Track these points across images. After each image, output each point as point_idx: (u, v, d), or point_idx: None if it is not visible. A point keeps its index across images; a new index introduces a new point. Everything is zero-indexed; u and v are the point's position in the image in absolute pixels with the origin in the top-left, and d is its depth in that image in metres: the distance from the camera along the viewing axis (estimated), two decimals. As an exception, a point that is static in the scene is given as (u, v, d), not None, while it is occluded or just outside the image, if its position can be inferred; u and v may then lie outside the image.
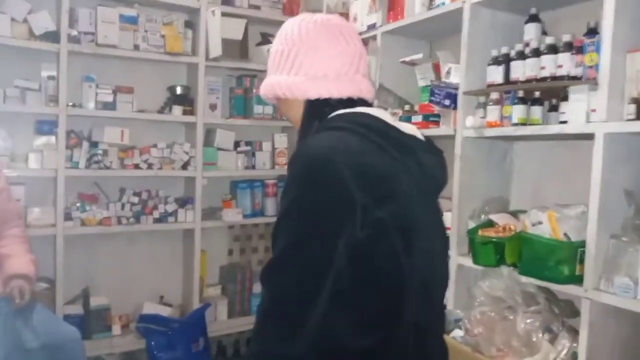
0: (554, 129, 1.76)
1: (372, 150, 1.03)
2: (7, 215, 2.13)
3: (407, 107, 2.48)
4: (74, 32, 2.66)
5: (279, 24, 3.16)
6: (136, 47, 2.82)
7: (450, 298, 2.12)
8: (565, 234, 1.66)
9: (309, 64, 1.13)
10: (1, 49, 2.55)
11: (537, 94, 1.85)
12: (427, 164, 1.14)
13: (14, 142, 2.64)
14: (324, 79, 1.12)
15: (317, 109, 1.13)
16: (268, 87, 1.18)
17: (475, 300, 1.83)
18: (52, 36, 2.61)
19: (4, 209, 2.12)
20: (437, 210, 1.21)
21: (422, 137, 1.16)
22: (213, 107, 3.11)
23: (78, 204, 2.78)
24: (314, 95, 1.13)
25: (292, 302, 0.97)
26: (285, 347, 0.97)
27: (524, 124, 1.86)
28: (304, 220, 0.98)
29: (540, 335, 1.72)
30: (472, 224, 2.06)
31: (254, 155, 3.23)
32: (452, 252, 2.10)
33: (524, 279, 1.76)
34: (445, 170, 1.22)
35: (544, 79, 1.78)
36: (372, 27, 2.60)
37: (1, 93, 2.56)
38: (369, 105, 1.18)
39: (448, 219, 2.17)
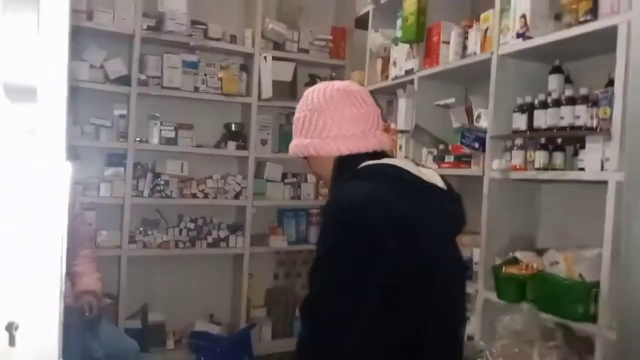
0: (572, 174, 1.88)
1: (398, 199, 1.15)
2: (80, 237, 2.40)
3: (441, 147, 2.63)
4: (143, 77, 3.00)
5: (326, 65, 3.49)
6: (196, 89, 3.13)
7: (476, 330, 2.23)
8: (580, 275, 1.76)
9: (337, 125, 1.27)
10: (81, 91, 2.91)
11: (559, 140, 1.98)
12: (447, 209, 1.29)
13: (88, 173, 2.98)
14: (353, 137, 1.26)
15: (347, 162, 1.26)
16: (299, 147, 1.32)
17: (497, 333, 1.95)
18: (124, 80, 2.96)
19: (78, 232, 2.39)
20: (457, 248, 1.36)
21: (441, 183, 1.29)
22: (264, 142, 3.37)
23: (141, 229, 3.08)
24: (345, 151, 1.26)
25: (326, 339, 1.10)
26: None
27: (546, 169, 1.98)
28: (340, 265, 1.11)
29: (557, 369, 1.82)
30: (499, 260, 2.18)
31: (299, 186, 3.45)
32: (479, 286, 2.22)
33: (544, 315, 1.87)
34: (462, 213, 1.34)
35: (563, 128, 1.91)
36: (409, 72, 2.79)
37: (79, 129, 2.91)
38: (389, 155, 1.36)
39: (476, 254, 2.31)
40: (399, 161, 1.28)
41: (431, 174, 1.30)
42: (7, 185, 0.48)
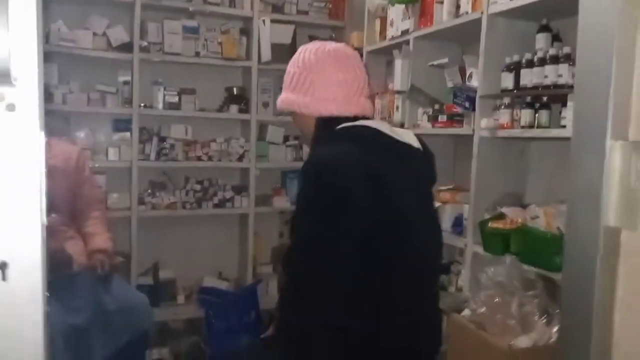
0: (555, 132, 1.94)
1: (371, 157, 1.25)
2: (91, 200, 2.52)
3: (436, 107, 2.69)
4: (144, 43, 3.07)
5: (325, 27, 3.52)
6: (197, 54, 3.19)
7: (465, 281, 2.34)
8: (558, 228, 1.85)
9: (322, 87, 1.35)
10: (85, 59, 3.00)
11: (544, 99, 2.03)
12: (418, 166, 1.39)
13: (96, 138, 3.10)
14: (334, 100, 1.35)
15: (327, 123, 1.35)
16: (286, 102, 1.41)
17: (481, 284, 2.05)
18: (127, 47, 3.04)
19: (88, 194, 2.51)
20: (430, 203, 1.46)
21: (416, 142, 1.39)
22: (265, 105, 3.44)
23: (149, 191, 3.21)
24: (326, 113, 1.35)
25: (306, 284, 1.20)
26: (301, 318, 1.21)
27: (531, 127, 2.04)
28: (317, 217, 1.21)
29: (537, 317, 1.92)
30: (487, 216, 2.27)
31: (301, 148, 3.53)
32: (468, 240, 2.32)
33: (525, 266, 1.97)
34: (433, 170, 1.46)
35: (547, 87, 1.96)
36: (405, 32, 2.81)
37: (85, 97, 3.01)
38: (368, 118, 1.44)
39: (465, 210, 2.40)
40: (374, 122, 1.36)
41: (405, 134, 1.39)
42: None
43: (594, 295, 0.90)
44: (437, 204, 2.58)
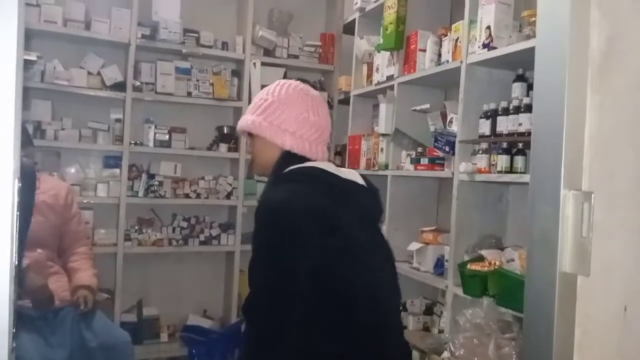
0: (529, 177, 2.00)
1: (319, 196, 1.30)
2: (77, 235, 2.55)
3: (419, 149, 2.76)
4: (138, 83, 3.15)
5: (315, 71, 3.62)
6: (189, 94, 3.28)
7: (446, 323, 2.36)
8: (533, 271, 1.89)
9: (290, 121, 1.38)
10: (79, 97, 3.08)
11: (520, 145, 2.10)
12: (364, 202, 1.43)
13: (86, 174, 3.15)
14: (300, 138, 1.38)
15: (288, 159, 1.38)
16: (248, 123, 1.40)
17: (460, 326, 2.08)
18: (120, 86, 3.12)
19: (75, 230, 2.54)
20: (380, 237, 1.49)
21: (360, 180, 1.44)
22: (254, 144, 3.51)
23: (136, 227, 3.24)
24: (286, 146, 1.37)
25: (270, 329, 1.23)
26: None
27: (507, 172, 2.11)
28: (271, 261, 1.24)
29: (514, 359, 1.94)
30: (467, 258, 2.31)
31: (289, 187, 3.59)
32: (449, 282, 2.35)
33: (502, 309, 2.00)
34: (379, 204, 1.50)
35: (522, 134, 2.04)
36: (390, 77, 2.92)
37: (77, 133, 3.08)
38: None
39: (446, 252, 2.44)
40: (321, 164, 1.41)
41: (350, 173, 1.45)
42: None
43: (553, 338, 0.94)
44: (418, 245, 2.63)
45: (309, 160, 1.40)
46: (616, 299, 0.95)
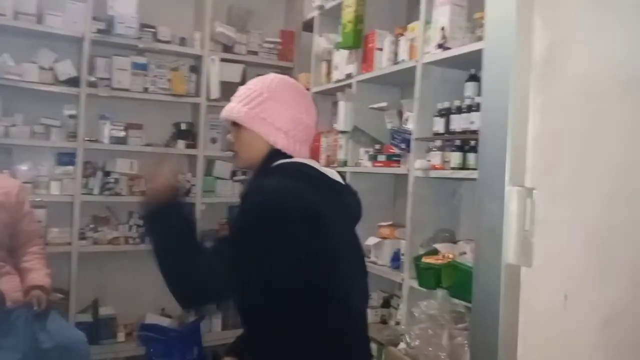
0: (481, 174, 2.08)
1: (311, 194, 1.31)
2: (29, 235, 2.49)
3: (377, 147, 2.82)
4: (93, 78, 3.08)
5: (274, 68, 3.63)
6: (145, 90, 3.24)
7: (402, 315, 2.43)
8: (484, 263, 1.97)
9: (277, 115, 1.36)
10: (30, 92, 2.98)
11: (472, 142, 2.18)
12: (349, 203, 1.48)
13: (39, 172, 3.05)
14: (285, 134, 1.37)
15: (275, 156, 1.37)
16: (234, 112, 1.37)
17: (415, 317, 2.15)
18: (74, 81, 3.05)
19: (27, 229, 2.48)
20: (357, 241, 1.53)
21: (341, 179, 1.47)
22: (213, 140, 3.50)
23: (91, 225, 3.17)
24: (278, 145, 1.37)
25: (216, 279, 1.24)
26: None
27: (460, 169, 2.18)
28: (250, 244, 1.23)
29: (467, 349, 2.02)
30: (422, 252, 2.38)
31: (249, 183, 3.59)
32: (405, 275, 2.42)
33: (455, 300, 2.08)
34: (360, 208, 1.53)
35: (474, 132, 2.11)
36: (349, 76, 2.96)
37: (29, 130, 2.99)
38: None
39: (403, 246, 2.51)
40: (308, 161, 1.43)
41: (332, 172, 1.47)
42: None
43: (499, 326, 0.99)
44: (376, 240, 2.69)
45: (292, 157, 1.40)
46: (557, 288, 1.01)
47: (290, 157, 1.40)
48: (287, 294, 1.29)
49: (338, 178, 1.46)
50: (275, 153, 1.38)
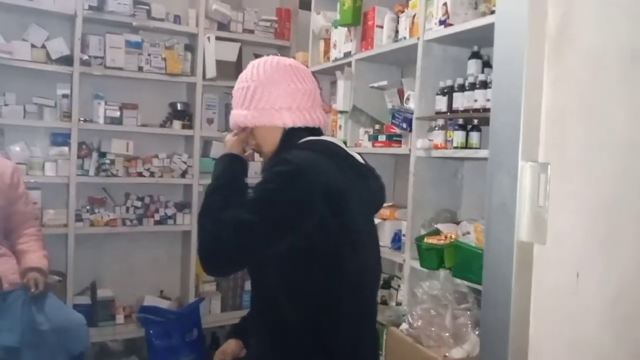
0: (484, 152, 2.05)
1: (335, 170, 1.29)
2: (25, 216, 2.45)
3: (377, 127, 2.78)
4: (85, 57, 3.01)
5: (271, 46, 3.56)
6: (140, 69, 3.17)
7: (404, 296, 2.42)
8: (487, 243, 1.95)
9: (273, 98, 1.35)
10: (22, 71, 2.91)
11: (475, 121, 2.15)
12: (373, 188, 1.45)
13: (32, 153, 3.00)
14: (288, 110, 1.36)
15: (291, 136, 1.36)
16: (237, 118, 1.38)
17: (417, 298, 2.13)
18: (67, 60, 2.97)
19: (22, 211, 2.44)
20: (374, 225, 1.51)
21: (364, 162, 1.45)
22: (210, 121, 3.44)
23: (87, 207, 3.13)
24: (289, 123, 1.36)
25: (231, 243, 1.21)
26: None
27: (463, 148, 2.15)
28: (271, 210, 1.23)
29: (469, 329, 2.01)
30: (423, 232, 2.36)
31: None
32: (406, 256, 2.40)
33: (458, 280, 2.06)
34: (383, 193, 1.52)
35: (477, 110, 2.08)
36: (347, 54, 2.91)
37: (22, 109, 2.92)
38: (322, 132, 1.45)
39: (403, 227, 2.49)
40: (335, 140, 1.43)
41: (356, 154, 1.45)
42: None
43: (511, 304, 0.97)
44: (377, 221, 2.67)
45: (312, 130, 1.39)
46: (569, 266, 0.99)
47: (313, 130, 1.40)
48: (302, 269, 1.28)
49: (361, 160, 1.44)
50: (290, 131, 1.37)
